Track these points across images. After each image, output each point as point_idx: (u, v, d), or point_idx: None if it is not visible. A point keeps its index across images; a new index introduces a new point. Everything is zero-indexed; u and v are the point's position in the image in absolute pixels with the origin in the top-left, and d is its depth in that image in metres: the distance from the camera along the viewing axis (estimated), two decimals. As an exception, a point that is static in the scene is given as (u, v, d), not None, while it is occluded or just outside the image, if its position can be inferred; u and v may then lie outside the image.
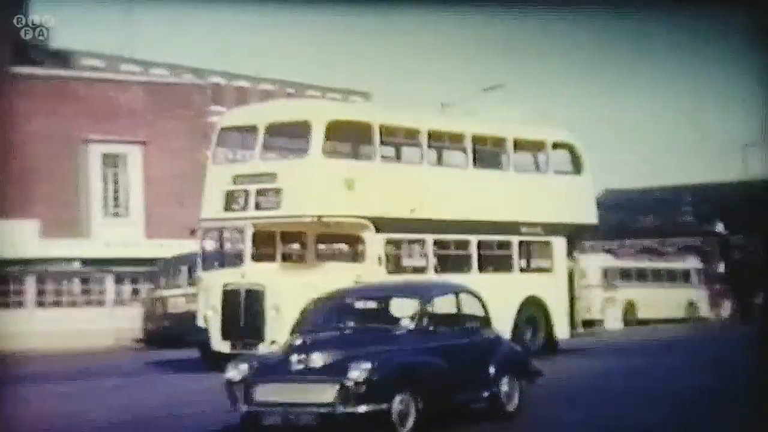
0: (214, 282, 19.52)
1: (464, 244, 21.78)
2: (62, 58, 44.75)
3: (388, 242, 20.50)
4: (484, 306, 12.87)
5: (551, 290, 22.98)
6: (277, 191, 19.55)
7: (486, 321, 12.86)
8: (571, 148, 24.16)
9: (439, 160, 22.61)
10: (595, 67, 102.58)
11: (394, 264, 21.03)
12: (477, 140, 22.32)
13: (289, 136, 20.85)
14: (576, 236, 24.05)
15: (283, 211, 19.41)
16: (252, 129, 20.36)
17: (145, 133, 40.69)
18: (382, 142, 20.69)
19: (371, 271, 19.42)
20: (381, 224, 20.04)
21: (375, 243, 20.08)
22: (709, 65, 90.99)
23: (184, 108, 41.91)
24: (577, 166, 24.20)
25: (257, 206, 19.70)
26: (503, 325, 20.84)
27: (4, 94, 39.08)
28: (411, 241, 22.00)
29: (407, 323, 11.84)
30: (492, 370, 12.37)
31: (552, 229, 23.21)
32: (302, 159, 19.76)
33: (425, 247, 21.32)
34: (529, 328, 22.47)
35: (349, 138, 21.52)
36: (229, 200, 20.04)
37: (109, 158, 41.09)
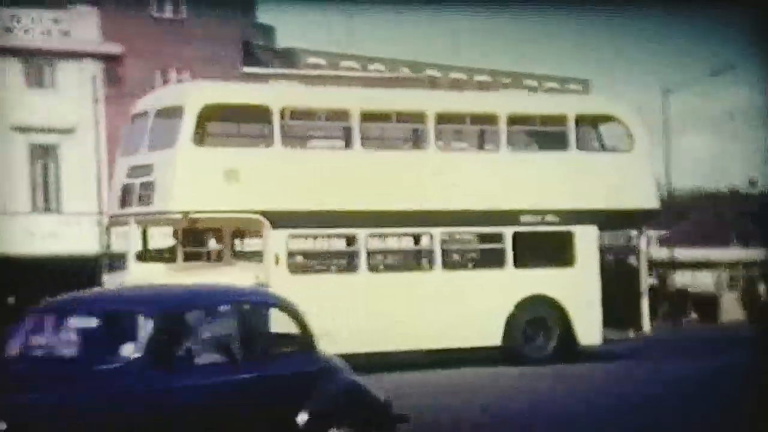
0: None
1: (421, 239, 19.46)
2: (287, 57, 45.73)
3: (296, 238, 18.10)
4: (302, 324, 9.08)
5: (570, 288, 19.55)
6: (151, 185, 17.72)
7: (305, 344, 8.98)
8: (617, 122, 20.66)
9: (390, 143, 20.27)
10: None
11: (303, 263, 18.86)
12: (444, 118, 19.22)
13: (171, 124, 18.33)
14: (624, 224, 20.42)
15: (154, 206, 17.57)
16: (145, 116, 18.71)
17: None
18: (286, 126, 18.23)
19: (270, 272, 17.27)
20: (279, 219, 17.58)
21: (272, 240, 17.66)
22: None
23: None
24: (625, 141, 20.73)
25: (141, 201, 17.92)
26: (487, 330, 18.71)
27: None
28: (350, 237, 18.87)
29: (129, 351, 7.79)
30: (303, 419, 8.48)
31: (574, 216, 19.70)
32: (171, 149, 17.62)
33: (357, 243, 18.40)
34: (536, 332, 19.39)
35: (250, 122, 19.24)
36: (123, 194, 18.41)
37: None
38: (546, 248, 19.74)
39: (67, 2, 38.95)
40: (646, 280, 20.50)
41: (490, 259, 19.63)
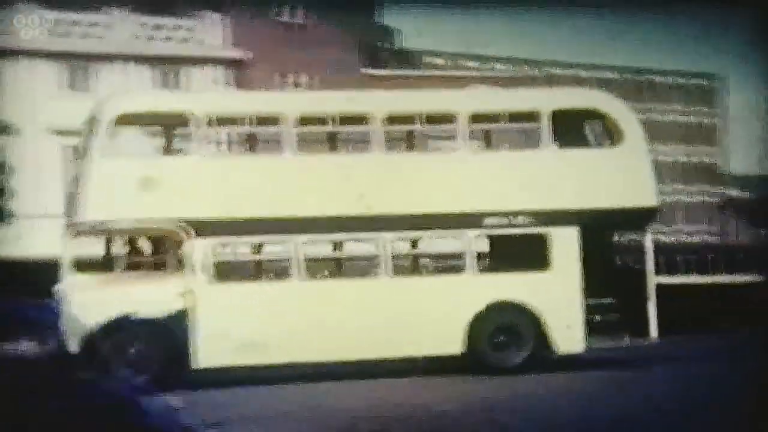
0: None
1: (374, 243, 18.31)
2: (407, 58, 46.42)
3: (223, 246, 17.55)
4: None
5: (545, 293, 18.41)
6: (74, 195, 17.76)
7: None
8: (600, 116, 19.22)
9: (329, 147, 19.07)
10: None
11: (231, 271, 18.15)
12: (393, 120, 18.32)
13: (90, 134, 18.01)
14: (616, 224, 18.97)
15: (74, 216, 17.49)
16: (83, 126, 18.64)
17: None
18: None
19: (193, 282, 17.07)
20: (202, 227, 17.09)
21: (193, 249, 17.25)
22: None
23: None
24: (612, 136, 19.23)
25: (69, 210, 17.92)
26: (444, 338, 18.00)
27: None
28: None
29: None
30: None
31: (549, 218, 18.40)
32: (86, 159, 17.56)
33: (295, 251, 17.67)
34: (506, 339, 18.28)
35: (176, 129, 18.58)
36: (67, 203, 18.35)
37: (451, 154, 42.16)
38: (518, 252, 18.68)
39: (195, 10, 40.35)
40: (653, 283, 18.95)
41: (451, 263, 18.76)
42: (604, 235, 19.07)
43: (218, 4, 40.30)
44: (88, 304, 16.60)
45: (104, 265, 18.31)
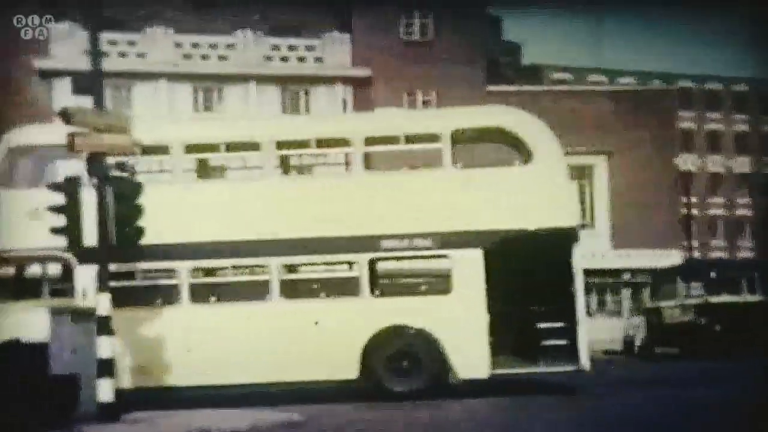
0: None
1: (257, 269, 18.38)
2: (533, 73, 46.27)
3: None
4: None
5: (445, 317, 17.74)
6: None
7: None
8: (509, 134, 18.58)
9: (214, 173, 19.23)
10: None
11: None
12: (284, 145, 18.19)
13: None
14: (531, 244, 17.87)
15: None
16: None
17: (611, 142, 40.99)
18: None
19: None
20: (86, 255, 16.59)
21: (80, 276, 17.60)
22: None
23: (651, 115, 41.71)
24: (523, 154, 18.50)
25: None
26: (338, 364, 17.65)
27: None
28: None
29: None
30: None
31: (450, 240, 17.74)
32: None
33: (180, 276, 17.92)
34: (403, 365, 17.78)
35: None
36: None
37: (575, 170, 41.87)
38: (434, 275, 18.30)
39: (321, 31, 40.98)
40: (582, 307, 17.88)
41: (346, 287, 18.24)
42: (541, 256, 17.97)
43: (343, 24, 40.85)
44: None
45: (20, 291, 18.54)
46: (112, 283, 16.28)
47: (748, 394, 17.09)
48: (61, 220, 16.00)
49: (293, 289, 18.29)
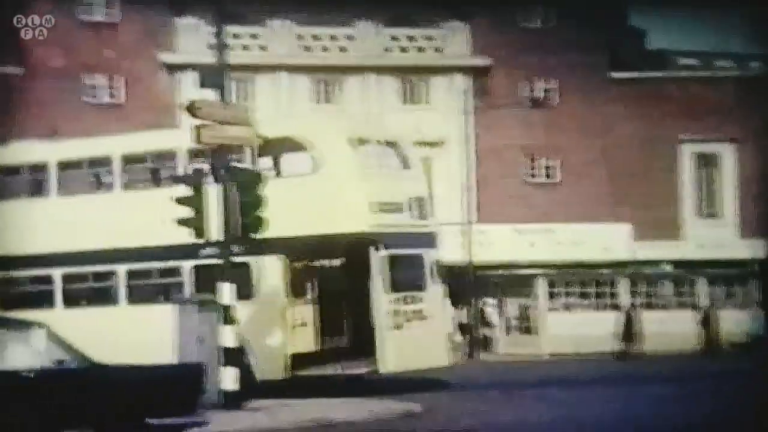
0: None
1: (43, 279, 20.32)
2: (658, 59, 45.25)
3: None
4: None
5: (247, 321, 17.69)
6: None
7: None
8: (298, 144, 19.02)
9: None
10: None
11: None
12: (62, 165, 20.38)
13: None
14: (329, 252, 18.31)
15: None
16: None
17: (738, 130, 39.96)
18: None
19: None
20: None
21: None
22: None
23: (781, 101, 40.54)
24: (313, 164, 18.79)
25: None
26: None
27: (601, 99, 40.55)
28: None
29: None
30: None
31: (253, 247, 17.40)
32: None
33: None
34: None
35: None
36: None
37: (701, 158, 41.01)
38: (234, 281, 17.89)
39: (439, 20, 40.83)
40: (383, 308, 17.95)
41: (148, 294, 19.79)
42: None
43: (462, 13, 40.60)
44: None
45: None
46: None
47: None
48: (187, 212, 16.38)
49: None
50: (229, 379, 15.71)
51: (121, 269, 19.92)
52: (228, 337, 15.90)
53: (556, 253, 37.81)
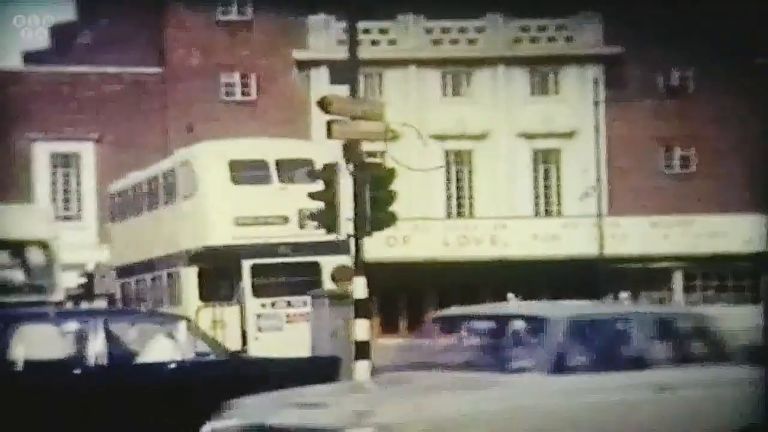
0: None
1: None
2: None
3: None
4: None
5: None
6: None
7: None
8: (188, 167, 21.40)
9: None
10: None
11: None
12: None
13: None
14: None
15: None
16: None
17: None
18: None
19: None
20: None
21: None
22: None
23: None
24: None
25: None
26: None
27: (741, 86, 39.47)
28: None
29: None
30: None
31: (178, 259, 20.98)
32: None
33: None
34: None
35: None
36: None
37: None
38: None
39: (570, 9, 40.34)
40: (252, 312, 20.11)
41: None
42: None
43: (593, 1, 40.03)
44: None
45: None
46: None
47: None
48: (320, 206, 16.58)
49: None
50: (361, 372, 15.85)
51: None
52: (361, 331, 16.04)
53: (694, 246, 37.07)
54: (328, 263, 19.66)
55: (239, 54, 39.50)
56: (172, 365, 10.24)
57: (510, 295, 36.66)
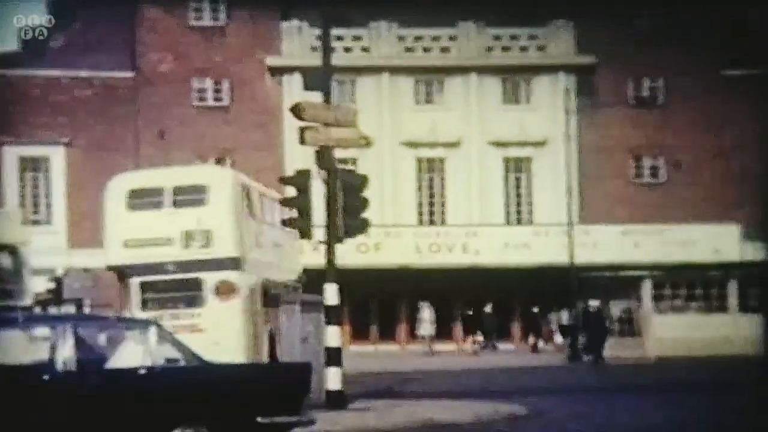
0: None
1: None
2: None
3: None
4: None
5: None
6: None
7: None
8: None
9: None
10: None
11: None
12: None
13: None
14: None
15: None
16: None
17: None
18: None
19: None
20: None
21: None
22: None
23: None
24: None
25: None
26: None
27: (711, 98, 39.76)
28: None
29: None
30: None
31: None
32: None
33: None
34: None
35: None
36: None
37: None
38: None
39: (544, 19, 40.47)
40: None
41: None
42: None
43: (567, 11, 40.16)
44: None
45: None
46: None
47: None
48: (293, 213, 16.54)
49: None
50: (333, 378, 15.83)
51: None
52: (332, 337, 16.03)
53: (663, 255, 37.27)
54: (210, 279, 21.38)
55: (212, 59, 39.41)
56: (142, 371, 10.21)
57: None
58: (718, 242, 38.09)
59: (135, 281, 21.79)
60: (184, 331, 20.30)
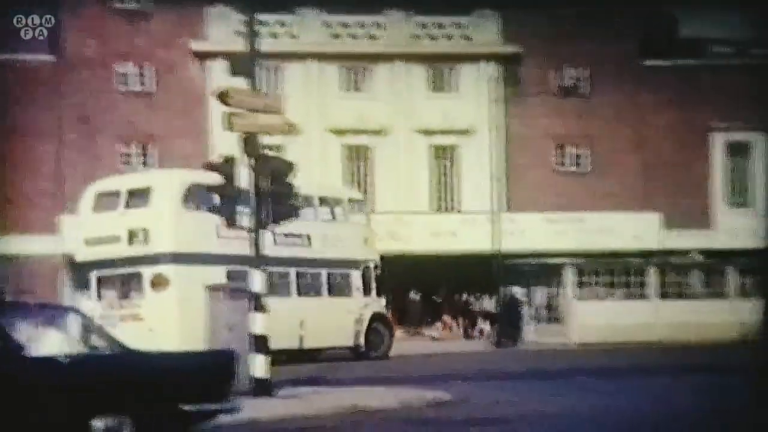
0: None
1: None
2: (691, 47, 44.84)
3: None
4: None
5: None
6: None
7: None
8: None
9: None
10: None
11: None
12: None
13: None
14: None
15: None
16: None
17: (770, 119, 39.69)
18: None
19: None
20: None
21: None
22: None
23: (814, 90, 40.15)
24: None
25: None
26: None
27: (632, 88, 40.36)
28: None
29: None
30: None
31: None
32: None
33: None
34: None
35: None
36: None
37: (733, 146, 40.78)
38: None
39: (468, 8, 40.67)
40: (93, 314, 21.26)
41: None
42: None
43: (491, 1, 40.38)
44: None
45: None
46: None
47: None
48: (217, 199, 16.44)
49: None
50: (259, 366, 15.78)
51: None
52: (257, 325, 15.97)
53: (585, 242, 37.75)
54: (147, 272, 23.42)
55: (136, 44, 38.94)
56: (64, 359, 10.07)
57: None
58: (638, 230, 38.70)
59: (93, 275, 24.05)
60: (128, 320, 23.14)
